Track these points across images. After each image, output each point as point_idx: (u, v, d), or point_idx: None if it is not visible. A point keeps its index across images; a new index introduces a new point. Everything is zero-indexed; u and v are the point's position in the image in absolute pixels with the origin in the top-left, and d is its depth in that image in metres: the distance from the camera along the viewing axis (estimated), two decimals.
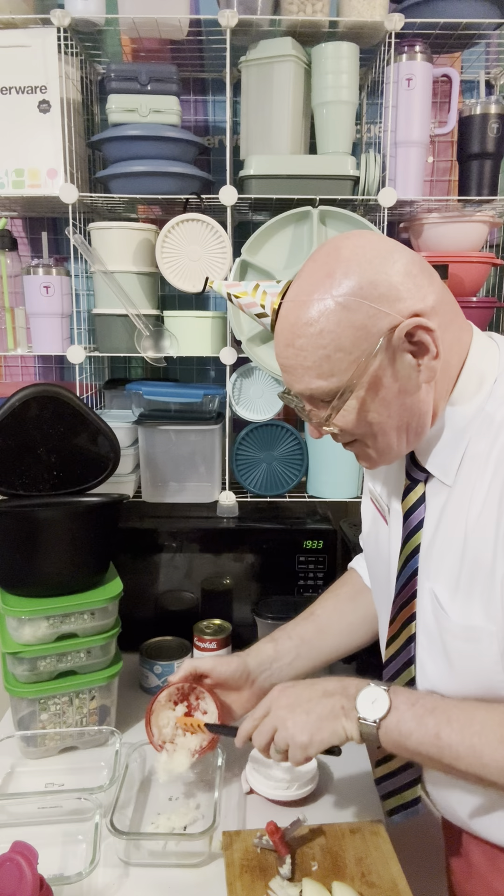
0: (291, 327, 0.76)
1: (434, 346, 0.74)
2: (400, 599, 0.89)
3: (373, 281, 0.73)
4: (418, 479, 0.85)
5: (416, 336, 0.74)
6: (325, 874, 0.88)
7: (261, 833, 0.92)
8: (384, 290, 0.73)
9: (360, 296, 0.73)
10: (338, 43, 1.33)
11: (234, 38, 1.33)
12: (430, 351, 0.75)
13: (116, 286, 1.36)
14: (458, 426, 0.80)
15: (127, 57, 1.52)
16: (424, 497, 0.85)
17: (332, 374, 0.75)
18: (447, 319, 0.78)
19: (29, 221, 1.62)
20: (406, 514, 0.87)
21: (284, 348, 0.78)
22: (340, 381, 0.75)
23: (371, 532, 1.00)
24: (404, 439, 0.80)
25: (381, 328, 0.74)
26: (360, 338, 0.74)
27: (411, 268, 0.76)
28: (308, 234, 1.34)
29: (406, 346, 0.75)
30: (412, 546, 0.86)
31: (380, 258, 0.75)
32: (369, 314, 0.73)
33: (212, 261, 1.35)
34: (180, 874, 0.92)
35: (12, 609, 1.10)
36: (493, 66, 1.56)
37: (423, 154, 1.38)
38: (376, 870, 0.88)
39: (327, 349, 0.74)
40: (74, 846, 0.95)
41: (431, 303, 0.75)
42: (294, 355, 0.76)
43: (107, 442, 1.20)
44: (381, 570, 0.95)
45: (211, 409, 1.46)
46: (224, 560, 1.43)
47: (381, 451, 0.81)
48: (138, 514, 1.46)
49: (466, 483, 0.79)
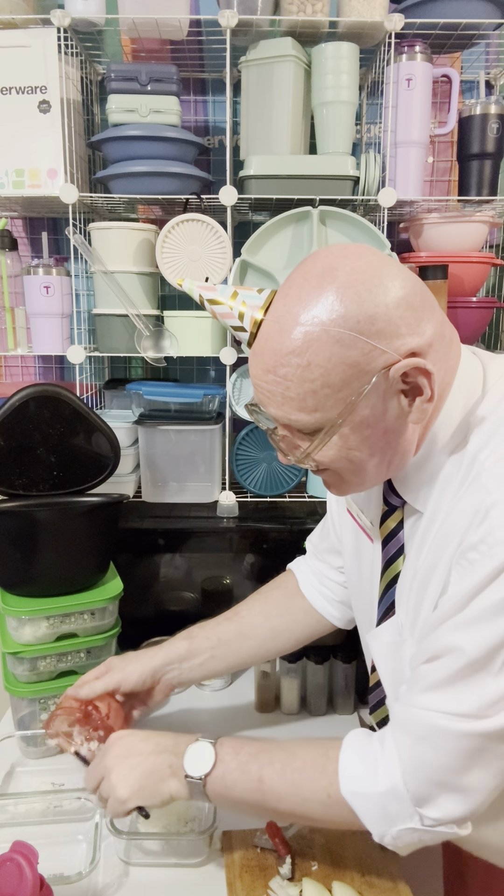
0: (274, 353, 0.68)
1: (430, 389, 0.69)
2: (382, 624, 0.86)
3: (371, 315, 0.66)
4: (395, 504, 0.82)
5: (412, 377, 0.69)
6: (325, 874, 0.88)
7: (261, 833, 0.92)
8: (382, 326, 0.67)
9: (356, 330, 0.66)
10: (338, 43, 1.33)
11: (234, 39, 1.33)
12: (423, 394, 0.70)
13: (116, 286, 1.36)
14: (438, 452, 0.75)
15: (127, 57, 1.52)
16: (402, 524, 0.81)
17: (316, 409, 0.69)
18: (441, 353, 0.72)
19: (29, 221, 1.62)
20: (385, 539, 0.84)
21: (263, 373, 0.70)
22: (324, 418, 0.69)
23: (353, 546, 0.95)
24: (382, 474, 0.76)
25: (376, 367, 0.67)
26: (352, 376, 0.67)
27: (413, 298, 0.69)
28: (308, 235, 1.34)
29: (399, 386, 0.69)
30: (392, 574, 0.83)
31: (380, 287, 0.67)
32: (364, 351, 0.67)
33: (212, 261, 1.35)
34: (180, 874, 0.92)
35: (12, 609, 1.10)
36: (493, 66, 1.56)
37: (422, 154, 1.38)
38: (376, 869, 0.88)
39: (314, 384, 0.67)
40: (74, 846, 0.95)
41: (429, 337, 0.69)
42: (274, 382, 0.69)
43: (107, 442, 1.20)
44: (364, 589, 0.92)
45: (211, 409, 1.46)
46: (224, 560, 1.43)
47: (355, 484, 0.77)
48: (138, 514, 1.45)
49: (436, 510, 0.75)
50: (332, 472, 0.77)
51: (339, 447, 0.71)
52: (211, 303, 0.95)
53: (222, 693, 1.35)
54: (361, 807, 0.74)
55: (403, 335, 0.68)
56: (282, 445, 0.75)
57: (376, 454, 0.73)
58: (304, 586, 1.10)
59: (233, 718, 1.23)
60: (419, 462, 0.76)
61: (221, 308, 0.92)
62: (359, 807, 0.74)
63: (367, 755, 0.75)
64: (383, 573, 0.84)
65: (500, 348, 1.65)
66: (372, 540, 0.88)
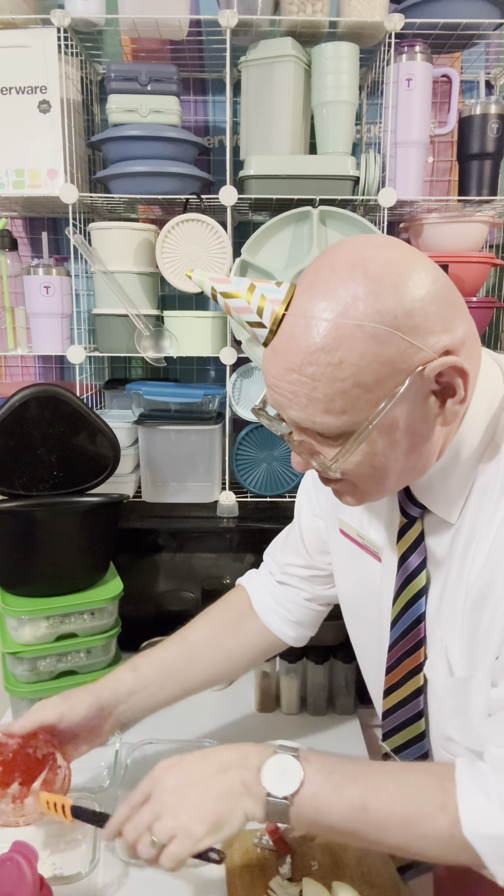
0: (300, 350, 0.63)
1: (464, 390, 0.65)
2: (402, 647, 0.80)
3: (409, 310, 0.61)
4: (415, 515, 0.76)
5: (446, 377, 0.64)
6: (325, 874, 0.88)
7: (261, 833, 0.92)
8: (419, 321, 0.62)
9: (393, 326, 0.61)
10: (338, 43, 1.33)
11: (234, 39, 1.33)
12: (457, 395, 0.65)
13: (116, 286, 1.36)
14: (465, 458, 0.70)
15: (127, 57, 1.52)
16: (423, 535, 0.75)
17: (345, 412, 0.63)
18: (473, 353, 0.68)
19: (29, 221, 1.62)
20: (403, 555, 0.77)
21: (286, 372, 0.64)
22: (352, 421, 0.64)
23: (347, 568, 0.89)
24: (402, 481, 0.71)
25: (411, 365, 0.62)
26: (386, 375, 0.62)
27: (446, 293, 0.64)
28: (308, 235, 1.34)
29: (431, 387, 0.64)
30: (413, 590, 0.77)
31: (415, 280, 0.62)
32: (400, 348, 0.61)
33: (212, 261, 1.35)
34: (180, 874, 0.92)
35: (12, 609, 1.10)
36: (493, 66, 1.56)
37: (422, 154, 1.38)
38: (376, 870, 0.88)
39: (345, 383, 0.62)
40: (74, 846, 0.95)
41: (461, 335, 0.65)
42: (299, 382, 0.63)
43: (107, 442, 1.20)
44: (369, 612, 0.86)
45: (211, 409, 1.46)
46: (224, 560, 1.43)
47: (372, 493, 0.71)
48: (138, 514, 1.45)
49: (475, 521, 0.70)
50: (346, 482, 0.70)
51: (366, 453, 0.66)
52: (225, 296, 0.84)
53: (222, 693, 1.35)
54: (487, 849, 0.66)
55: (438, 332, 0.63)
56: (300, 450, 0.69)
57: (400, 459, 0.67)
58: (257, 605, 1.03)
59: (233, 718, 1.23)
60: (445, 469, 0.71)
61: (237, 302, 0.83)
62: (484, 849, 0.66)
63: (490, 793, 0.67)
64: (401, 591, 0.78)
65: (500, 348, 1.65)
66: (379, 559, 0.82)
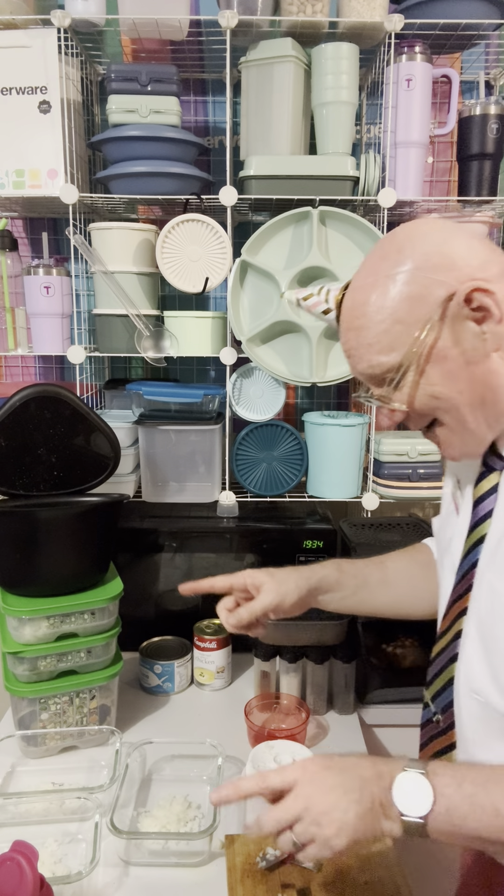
0: (351, 311, 0.77)
1: (497, 308, 0.71)
2: (456, 592, 0.84)
3: (426, 252, 0.73)
4: (495, 467, 0.81)
5: (476, 301, 0.71)
6: (326, 875, 0.88)
7: (263, 852, 0.91)
8: (438, 260, 0.73)
9: (414, 267, 0.73)
10: (338, 43, 1.33)
11: (234, 39, 1.33)
12: (492, 315, 0.72)
13: (116, 286, 1.37)
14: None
15: (127, 57, 1.52)
16: (497, 487, 0.80)
17: (393, 348, 0.74)
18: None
19: (29, 222, 1.62)
20: (476, 501, 0.82)
21: (346, 332, 0.78)
22: (402, 355, 0.74)
23: (445, 523, 0.95)
24: (481, 417, 0.76)
25: (439, 296, 0.72)
26: (417, 307, 0.73)
27: (471, 241, 0.74)
28: (308, 235, 1.34)
29: (467, 314, 0.72)
30: (476, 536, 0.82)
31: (434, 233, 0.75)
32: (424, 284, 0.72)
33: (212, 261, 1.35)
34: (180, 874, 0.92)
35: (12, 609, 1.10)
36: (493, 67, 1.56)
37: (422, 154, 1.38)
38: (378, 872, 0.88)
39: (385, 323, 0.74)
40: (74, 846, 0.95)
41: (495, 273, 0.72)
42: (354, 337, 0.77)
43: (107, 442, 1.20)
44: (447, 564, 0.90)
45: (211, 409, 1.46)
46: (224, 560, 1.43)
47: (459, 432, 0.77)
48: (138, 514, 1.46)
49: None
50: (441, 430, 0.79)
51: (422, 384, 0.75)
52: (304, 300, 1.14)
53: (222, 693, 1.35)
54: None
55: (461, 267, 0.72)
56: (381, 407, 0.79)
57: (464, 391, 0.74)
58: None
59: (233, 718, 1.23)
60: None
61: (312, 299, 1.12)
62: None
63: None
64: (469, 534, 0.83)
65: None
66: (458, 511, 0.88)
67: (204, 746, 1.11)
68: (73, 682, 1.14)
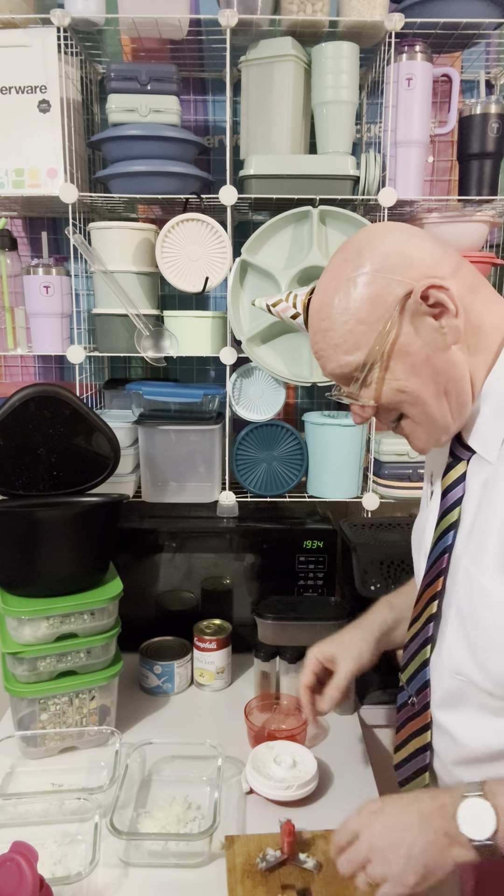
0: (317, 314, 0.80)
1: (452, 304, 0.75)
2: (428, 577, 0.87)
3: (384, 254, 0.77)
4: (461, 456, 0.84)
5: (432, 297, 0.75)
6: (326, 876, 0.88)
7: (263, 853, 0.91)
8: (395, 261, 0.76)
9: (373, 269, 0.76)
10: (338, 43, 1.33)
11: (234, 38, 1.33)
12: (448, 310, 0.75)
13: (116, 286, 1.36)
14: (501, 398, 0.78)
15: (127, 57, 1.52)
16: (465, 475, 0.83)
17: (358, 347, 0.78)
18: (472, 285, 0.79)
19: (29, 221, 1.61)
20: (445, 490, 0.86)
21: (313, 335, 0.82)
22: (366, 353, 0.78)
23: (420, 516, 0.98)
24: (446, 408, 0.79)
25: (397, 295, 0.76)
26: (378, 307, 0.76)
27: (426, 241, 0.79)
28: (308, 234, 1.34)
29: (425, 310, 0.76)
30: (447, 523, 0.85)
31: (391, 235, 0.78)
32: (383, 284, 0.76)
33: (212, 261, 1.35)
34: (180, 874, 0.92)
35: (12, 609, 1.10)
36: (493, 66, 1.56)
37: (423, 154, 1.38)
38: None
39: (349, 324, 0.77)
40: (74, 846, 0.95)
41: (448, 271, 0.77)
42: (322, 339, 0.80)
43: (107, 442, 1.20)
44: (420, 552, 0.94)
45: (211, 409, 1.46)
46: (224, 560, 1.43)
47: (426, 423, 0.81)
48: (138, 514, 1.45)
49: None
50: (407, 423, 0.82)
51: (388, 380, 0.79)
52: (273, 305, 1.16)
53: (222, 693, 1.35)
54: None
55: (417, 266, 0.76)
56: (351, 405, 0.83)
57: (428, 382, 0.78)
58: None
59: (233, 719, 1.23)
60: (483, 410, 0.80)
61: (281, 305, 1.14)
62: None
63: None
64: (438, 522, 0.87)
65: None
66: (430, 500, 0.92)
67: (204, 747, 1.10)
68: (72, 682, 1.14)
